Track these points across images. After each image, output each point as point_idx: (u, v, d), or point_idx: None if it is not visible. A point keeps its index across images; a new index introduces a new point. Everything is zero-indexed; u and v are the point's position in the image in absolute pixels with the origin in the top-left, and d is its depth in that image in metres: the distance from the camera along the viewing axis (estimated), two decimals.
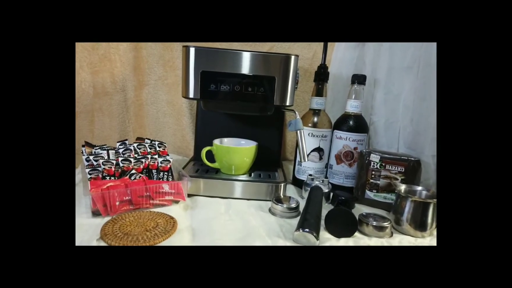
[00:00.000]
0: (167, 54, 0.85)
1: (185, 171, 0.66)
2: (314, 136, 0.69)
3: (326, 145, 0.70)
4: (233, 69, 0.57)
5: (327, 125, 0.70)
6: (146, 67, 0.85)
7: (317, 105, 0.70)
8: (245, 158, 0.66)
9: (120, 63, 0.83)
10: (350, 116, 0.69)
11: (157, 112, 0.89)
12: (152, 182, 0.56)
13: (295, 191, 0.71)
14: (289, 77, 0.59)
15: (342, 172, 0.69)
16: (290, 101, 0.60)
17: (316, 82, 0.70)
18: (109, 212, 0.50)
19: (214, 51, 0.57)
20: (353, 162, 0.68)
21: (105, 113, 0.86)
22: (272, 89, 0.58)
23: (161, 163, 0.63)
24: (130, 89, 0.85)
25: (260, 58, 0.57)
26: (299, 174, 0.73)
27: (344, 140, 0.68)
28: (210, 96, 0.58)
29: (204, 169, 0.68)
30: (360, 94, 0.68)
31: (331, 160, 0.71)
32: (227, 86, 0.57)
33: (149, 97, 0.88)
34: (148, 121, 0.89)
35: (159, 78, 0.87)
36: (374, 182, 0.63)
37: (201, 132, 0.75)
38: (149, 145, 0.67)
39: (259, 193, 0.63)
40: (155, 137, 0.90)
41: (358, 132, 0.67)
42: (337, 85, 0.85)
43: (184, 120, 0.88)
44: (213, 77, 0.57)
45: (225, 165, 0.66)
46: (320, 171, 0.71)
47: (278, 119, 0.76)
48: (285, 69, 0.58)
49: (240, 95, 0.58)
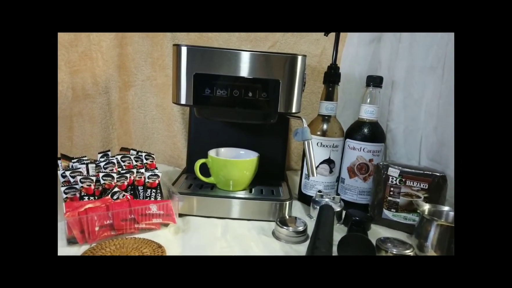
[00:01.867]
0: (156, 51, 0.83)
1: (176, 186, 0.63)
2: (324, 146, 0.67)
3: (337, 156, 0.68)
4: (231, 71, 0.54)
5: (338, 133, 0.67)
6: (132, 66, 0.83)
7: (327, 110, 0.67)
8: (245, 171, 0.63)
9: (103, 61, 0.81)
10: (364, 123, 0.66)
11: (145, 116, 0.87)
12: (137, 202, 0.53)
13: (302, 209, 0.68)
14: (295, 80, 0.56)
15: (356, 187, 0.67)
16: (297, 107, 0.58)
17: (326, 84, 0.67)
18: (87, 239, 0.47)
19: (209, 51, 0.54)
20: (368, 176, 0.66)
21: (85, 118, 0.83)
22: (276, 94, 0.55)
23: (148, 178, 0.60)
24: (114, 90, 0.84)
25: (262, 59, 0.54)
26: (306, 189, 0.70)
27: (358, 151, 0.66)
28: (204, 102, 0.56)
29: (198, 184, 0.65)
30: (376, 98, 0.66)
31: (343, 174, 0.68)
32: (224, 90, 0.55)
33: (136, 99, 0.86)
34: (135, 127, 0.87)
35: (147, 78, 0.85)
36: (393, 200, 0.61)
37: (195, 141, 0.73)
38: (135, 157, 0.65)
39: (261, 212, 0.60)
40: (143, 145, 0.88)
41: (374, 141, 0.65)
42: (349, 86, 0.83)
43: (175, 126, 0.86)
44: (208, 80, 0.54)
45: (222, 180, 0.63)
46: (331, 185, 0.69)
47: (282, 126, 0.73)
48: (290, 71, 0.55)
49: (239, 101, 0.55)
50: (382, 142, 0.66)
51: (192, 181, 0.67)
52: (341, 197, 0.64)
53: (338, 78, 0.67)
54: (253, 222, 0.59)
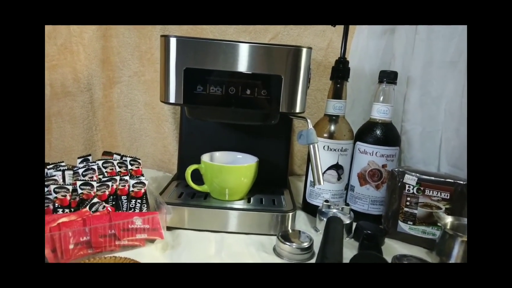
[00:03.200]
0: (144, 43, 0.80)
1: (165, 195, 0.60)
2: (331, 150, 0.63)
3: (346, 161, 0.65)
4: (226, 65, 0.51)
5: (347, 135, 0.64)
6: (118, 60, 0.81)
7: (334, 109, 0.64)
8: (243, 178, 0.60)
9: (85, 55, 0.78)
10: (376, 124, 0.63)
11: (132, 116, 0.84)
12: (119, 215, 0.50)
13: (307, 220, 0.65)
14: (299, 76, 0.53)
15: (367, 196, 0.64)
16: (301, 107, 0.54)
17: (334, 81, 0.64)
18: (59, 259, 0.43)
19: (201, 43, 0.51)
20: (381, 183, 0.63)
21: (65, 119, 0.81)
22: (277, 91, 0.52)
23: (133, 186, 0.57)
24: (97, 87, 0.81)
25: (262, 52, 0.51)
26: (312, 198, 0.67)
27: (370, 155, 0.62)
28: (196, 101, 0.52)
29: (189, 193, 0.62)
30: (390, 96, 0.62)
31: (353, 181, 0.65)
32: (218, 87, 0.52)
33: (122, 97, 0.83)
34: (121, 128, 0.85)
35: (134, 74, 0.82)
36: (410, 212, 0.57)
37: (186, 144, 0.70)
38: (118, 163, 0.61)
39: (260, 225, 0.57)
40: (130, 148, 0.86)
41: (388, 145, 0.62)
42: (358, 82, 0.80)
43: (166, 127, 0.83)
44: (201, 76, 0.51)
45: (217, 188, 0.60)
46: (339, 194, 0.66)
47: (284, 127, 0.70)
48: (294, 65, 0.52)
49: (236, 99, 0.52)
50: (396, 146, 0.63)
51: (184, 189, 0.64)
52: (350, 208, 0.61)
53: (347, 73, 0.64)
54: (252, 236, 0.56)
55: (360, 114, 0.82)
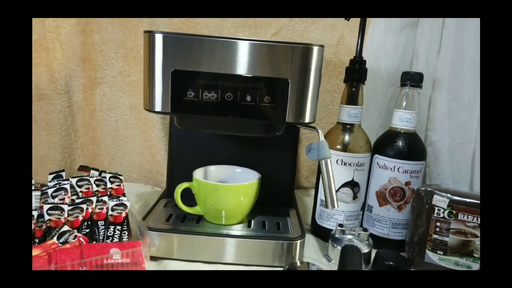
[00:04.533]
0: (130, 40, 0.76)
1: (152, 218, 0.55)
2: (346, 165, 0.58)
3: (363, 178, 0.59)
4: (222, 67, 0.46)
5: (364, 147, 0.58)
6: (100, 59, 0.77)
7: (349, 117, 0.58)
8: (242, 198, 0.54)
9: (62, 53, 0.74)
10: (398, 134, 0.57)
11: (116, 121, 0.80)
12: (93, 248, 0.44)
13: (317, 246, 0.59)
14: (309, 80, 0.47)
15: (388, 218, 0.58)
16: (311, 116, 0.49)
17: (349, 83, 0.59)
18: None
19: (193, 40, 0.45)
20: (404, 204, 0.57)
21: (40, 125, 0.76)
22: (283, 98, 0.47)
23: (112, 209, 0.51)
24: (76, 89, 0.77)
25: (266, 50, 0.45)
26: (322, 220, 0.61)
27: (391, 171, 0.57)
28: (186, 109, 0.47)
29: (180, 214, 0.57)
30: (415, 102, 0.57)
31: (371, 200, 0.60)
32: (213, 93, 0.46)
33: (105, 100, 0.79)
34: (104, 134, 0.81)
35: (119, 74, 0.78)
36: (440, 239, 0.52)
37: (177, 156, 0.65)
38: (96, 180, 0.56)
39: (263, 255, 0.51)
40: (114, 156, 0.82)
41: (412, 158, 0.56)
42: (373, 84, 0.75)
43: (154, 133, 0.78)
44: (191, 79, 0.46)
45: (211, 210, 0.55)
46: (354, 215, 0.60)
47: (290, 136, 0.65)
48: (303, 67, 0.46)
49: (234, 107, 0.47)
50: (422, 160, 0.57)
51: (173, 210, 0.58)
52: (369, 233, 0.54)
53: (364, 75, 0.59)
54: (253, 268, 0.51)
55: (375, 120, 0.77)
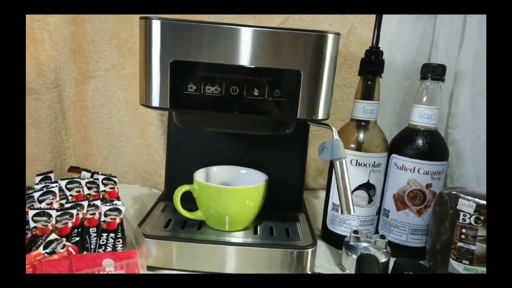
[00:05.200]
0: (125, 29, 0.73)
1: (149, 223, 0.52)
2: (360, 166, 0.54)
3: (379, 179, 0.56)
4: (227, 57, 0.42)
5: (381, 146, 0.55)
6: (92, 50, 0.74)
7: (365, 113, 0.55)
8: (248, 202, 0.51)
9: (51, 44, 0.71)
10: (418, 132, 0.54)
11: (110, 118, 0.78)
12: (83, 259, 0.40)
13: (328, 253, 0.56)
14: (323, 71, 0.44)
15: (406, 223, 0.55)
16: (325, 112, 0.46)
17: (364, 76, 0.56)
18: None
19: (194, 27, 0.42)
20: (424, 208, 0.54)
21: (28, 122, 0.73)
22: (295, 92, 0.44)
23: (105, 215, 0.48)
24: (67, 83, 0.75)
25: (275, 39, 0.42)
26: (335, 225, 0.58)
27: (410, 172, 0.54)
28: (187, 104, 0.44)
29: (180, 220, 0.54)
30: (436, 97, 0.54)
31: (387, 204, 0.57)
32: (216, 87, 0.43)
33: (98, 95, 0.77)
34: (97, 133, 0.78)
35: (113, 67, 0.75)
36: (466, 247, 0.49)
37: (176, 156, 0.61)
38: (87, 182, 0.53)
39: (270, 265, 0.49)
40: (108, 156, 0.79)
41: (434, 159, 0.53)
42: (387, 77, 0.72)
43: (151, 131, 0.76)
44: (193, 71, 0.43)
45: (214, 215, 0.52)
46: (369, 220, 0.57)
47: (299, 133, 0.61)
48: (317, 57, 0.43)
49: (240, 103, 0.44)
50: (444, 160, 0.54)
51: (172, 215, 0.55)
52: (387, 241, 0.51)
53: (381, 67, 0.56)
54: None
55: (389, 116, 0.74)
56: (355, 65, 0.76)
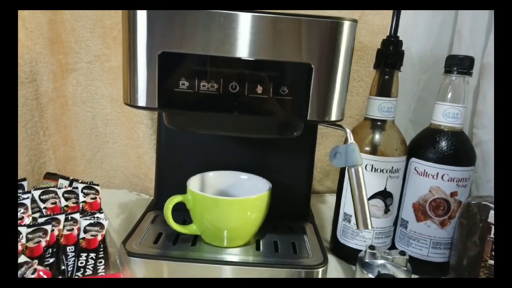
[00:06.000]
0: (109, 16, 0.69)
1: (136, 238, 0.47)
2: (376, 171, 0.50)
3: (396, 186, 0.52)
4: (225, 49, 0.37)
5: (400, 149, 0.51)
6: (72, 40, 0.70)
7: (381, 112, 0.51)
8: (249, 213, 0.47)
9: (25, 32, 0.67)
10: (441, 132, 0.50)
11: (94, 117, 0.74)
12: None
13: (340, 270, 0.53)
14: (338, 65, 0.39)
15: (427, 236, 0.51)
16: (339, 112, 0.41)
17: (380, 70, 0.52)
18: None
19: (185, 14, 0.37)
20: (448, 219, 0.50)
21: None
22: (305, 88, 0.39)
23: (85, 231, 0.44)
24: (45, 77, 0.70)
25: (282, 27, 0.38)
26: (346, 238, 0.53)
27: (433, 179, 0.50)
28: (178, 104, 0.40)
29: (172, 234, 0.49)
30: (463, 93, 0.50)
31: (406, 214, 0.53)
32: (213, 83, 0.39)
33: (79, 91, 0.73)
34: (79, 133, 0.74)
35: (96, 59, 0.72)
36: None
37: (167, 159, 0.57)
38: (65, 192, 0.48)
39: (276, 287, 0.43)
40: (92, 160, 0.75)
41: (460, 163, 0.49)
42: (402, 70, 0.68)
43: (140, 130, 0.72)
44: (185, 64, 0.38)
45: (210, 229, 0.47)
46: (386, 233, 0.53)
47: (305, 134, 0.56)
48: (331, 48, 0.39)
49: (241, 102, 0.39)
50: (471, 165, 0.50)
51: (163, 228, 0.51)
52: (407, 258, 0.47)
53: (401, 59, 0.51)
54: None
55: (403, 114, 0.70)
56: (365, 56, 0.72)
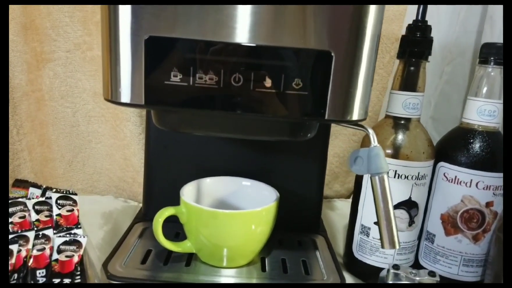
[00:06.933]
0: None
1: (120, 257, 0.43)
2: (400, 178, 0.46)
3: (422, 195, 0.48)
4: (226, 33, 0.32)
5: (427, 152, 0.47)
6: (48, 25, 0.66)
7: (406, 108, 0.47)
8: (254, 229, 0.43)
9: None
10: (475, 132, 0.46)
11: (75, 113, 0.70)
12: None
13: None
14: (362, 54, 0.35)
15: (458, 252, 0.47)
16: (362, 111, 0.36)
17: (405, 60, 0.48)
18: None
19: None
20: (482, 233, 0.46)
21: None
22: (323, 81, 0.34)
23: (58, 251, 0.39)
24: (17, 69, 0.66)
25: (295, 8, 0.33)
26: (364, 253, 0.49)
27: (466, 187, 0.46)
28: (169, 99, 0.35)
29: (162, 252, 0.44)
30: (499, 87, 0.46)
31: (432, 226, 0.48)
32: (212, 75, 0.34)
33: (57, 84, 0.69)
34: (57, 131, 0.71)
35: (76, 47, 0.68)
36: None
37: (157, 164, 0.53)
38: (36, 203, 0.43)
39: None
40: (72, 162, 0.71)
41: (497, 169, 0.44)
42: None
43: (127, 129, 0.68)
44: (177, 52, 0.33)
45: (207, 246, 0.43)
46: (409, 248, 0.49)
47: (318, 133, 0.52)
48: (355, 33, 0.34)
49: (245, 97, 0.34)
50: None
51: (152, 244, 0.46)
52: (438, 280, 0.42)
53: (429, 47, 0.47)
54: None
55: (424, 110, 0.65)
56: (380, 45, 0.68)
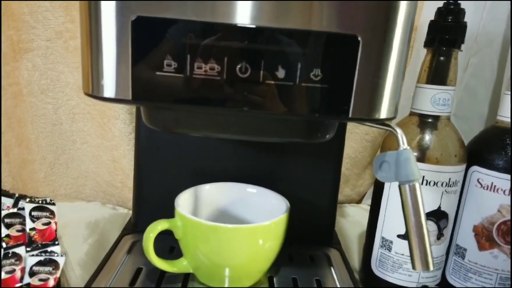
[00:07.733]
0: None
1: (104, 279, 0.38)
2: (429, 184, 0.43)
3: (453, 204, 0.44)
4: (230, 12, 0.28)
5: (459, 155, 0.43)
6: (26, 11, 0.63)
7: (435, 105, 0.43)
8: (261, 244, 0.39)
9: None
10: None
11: (57, 110, 0.67)
12: None
13: None
14: (394, 40, 0.30)
15: (493, 269, 0.43)
16: (392, 108, 0.32)
17: (434, 49, 0.44)
18: None
19: None
20: None
21: None
22: (347, 73, 0.29)
23: (31, 273, 0.35)
24: None
25: None
26: (385, 270, 0.45)
27: (503, 195, 0.42)
28: (161, 94, 0.30)
29: (154, 271, 0.40)
30: None
31: (463, 239, 0.45)
32: (213, 63, 0.29)
33: (37, 77, 0.66)
34: (37, 131, 0.68)
35: (58, 36, 0.65)
36: None
37: (148, 168, 0.48)
38: (6, 215, 0.40)
39: None
40: (54, 164, 0.68)
41: None
42: None
43: (116, 128, 0.65)
44: (171, 36, 0.29)
45: (206, 265, 0.38)
46: (437, 264, 0.45)
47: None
48: (386, 15, 0.30)
49: (253, 91, 0.30)
50: None
51: (143, 261, 0.42)
52: None
53: (462, 34, 0.43)
54: None
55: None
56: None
